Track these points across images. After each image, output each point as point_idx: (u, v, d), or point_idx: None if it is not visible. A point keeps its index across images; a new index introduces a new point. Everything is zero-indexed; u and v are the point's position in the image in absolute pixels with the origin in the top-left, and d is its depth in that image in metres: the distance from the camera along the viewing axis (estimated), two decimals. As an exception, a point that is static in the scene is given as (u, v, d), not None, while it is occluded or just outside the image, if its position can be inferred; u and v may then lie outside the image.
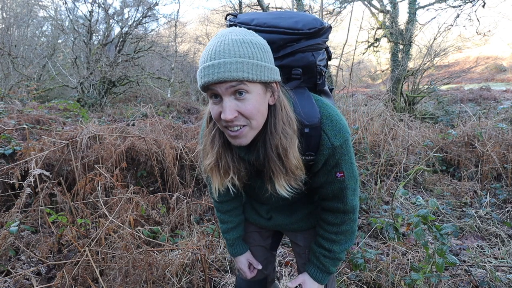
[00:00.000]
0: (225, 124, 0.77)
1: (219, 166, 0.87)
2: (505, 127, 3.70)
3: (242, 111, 0.75)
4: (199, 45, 18.30)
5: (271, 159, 0.82)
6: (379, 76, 17.99)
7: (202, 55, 0.76)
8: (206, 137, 0.89)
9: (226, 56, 0.71)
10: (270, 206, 1.09)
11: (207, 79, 0.72)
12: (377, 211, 2.82)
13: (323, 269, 1.02)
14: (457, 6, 9.14)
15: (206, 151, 0.89)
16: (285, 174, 0.83)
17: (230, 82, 0.72)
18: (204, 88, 0.76)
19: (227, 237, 1.15)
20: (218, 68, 0.71)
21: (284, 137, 0.80)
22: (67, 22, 11.15)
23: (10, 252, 1.93)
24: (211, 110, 0.79)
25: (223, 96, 0.74)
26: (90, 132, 2.85)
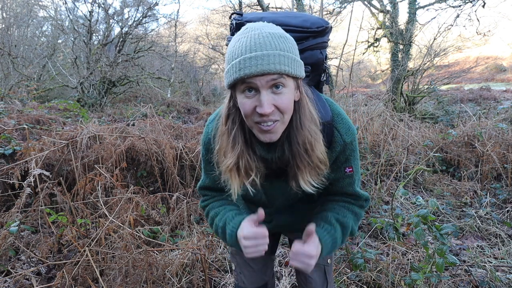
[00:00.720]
0: (259, 119, 0.74)
1: (239, 167, 0.83)
2: (505, 127, 3.70)
3: (279, 105, 0.73)
4: (199, 45, 18.31)
5: (298, 155, 0.81)
6: (379, 76, 18.00)
7: (234, 48, 0.73)
8: (224, 137, 0.84)
9: (268, 48, 0.70)
10: (273, 209, 1.07)
11: (248, 71, 0.70)
12: (377, 211, 2.82)
13: (329, 230, 0.91)
14: (457, 6, 9.14)
15: (224, 152, 0.85)
16: (311, 169, 0.82)
17: (272, 75, 0.70)
18: (237, 82, 0.73)
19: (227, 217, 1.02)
20: (261, 59, 0.69)
21: (309, 132, 0.80)
22: (67, 22, 11.17)
23: (10, 252, 1.93)
24: (242, 105, 0.75)
25: (261, 90, 0.72)
26: (90, 132, 2.85)
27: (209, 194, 1.06)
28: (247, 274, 1.20)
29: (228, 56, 0.75)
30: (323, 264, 1.13)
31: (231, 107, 0.82)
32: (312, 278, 1.12)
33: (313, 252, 0.82)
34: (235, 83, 0.74)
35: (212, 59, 17.11)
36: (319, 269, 1.12)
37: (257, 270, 1.19)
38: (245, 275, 1.20)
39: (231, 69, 0.73)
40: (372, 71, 20.04)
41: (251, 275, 1.19)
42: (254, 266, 1.18)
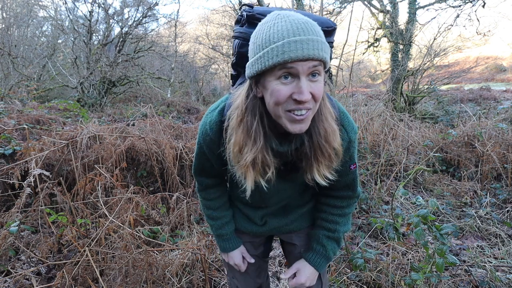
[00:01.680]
0: (294, 106, 0.72)
1: (256, 163, 0.80)
2: (505, 127, 3.70)
3: (315, 93, 0.72)
4: (199, 45, 18.29)
5: (319, 146, 0.80)
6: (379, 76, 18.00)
7: (274, 32, 0.70)
8: (241, 131, 0.80)
9: (311, 33, 0.68)
10: (266, 210, 1.07)
11: (294, 54, 0.67)
12: (377, 211, 2.82)
13: (321, 253, 1.03)
14: (457, 6, 9.14)
15: (240, 147, 0.80)
16: (329, 160, 0.83)
17: (315, 61, 0.69)
18: (274, 68, 0.70)
19: (222, 233, 1.10)
20: (307, 44, 0.67)
21: (329, 124, 0.80)
22: (67, 22, 11.17)
23: (10, 252, 1.93)
24: (276, 91, 0.72)
25: (301, 76, 0.70)
26: (90, 132, 2.85)
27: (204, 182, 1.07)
28: (240, 279, 1.19)
29: (262, 41, 0.71)
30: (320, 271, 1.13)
31: (252, 97, 0.78)
32: None
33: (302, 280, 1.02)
34: (270, 69, 0.71)
35: (212, 59, 17.10)
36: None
37: (250, 273, 1.18)
38: (238, 279, 1.19)
39: (269, 53, 0.69)
40: (372, 71, 20.04)
41: (244, 279, 1.18)
42: (247, 270, 1.17)
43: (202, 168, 1.03)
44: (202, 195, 1.09)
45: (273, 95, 0.73)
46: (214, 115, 0.90)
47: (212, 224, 1.11)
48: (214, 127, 0.89)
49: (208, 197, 1.09)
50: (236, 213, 1.14)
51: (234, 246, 1.12)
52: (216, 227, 1.10)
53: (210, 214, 1.10)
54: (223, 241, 1.11)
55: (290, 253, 1.17)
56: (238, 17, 0.95)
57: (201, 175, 1.06)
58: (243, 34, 0.91)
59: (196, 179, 1.08)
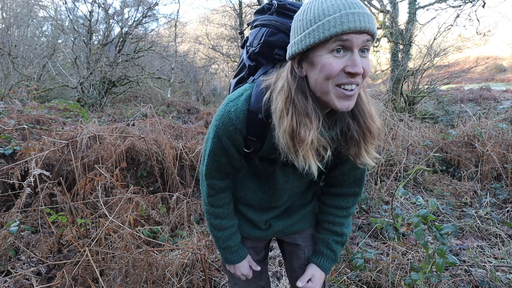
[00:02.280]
0: (345, 80, 0.72)
1: (313, 143, 0.77)
2: (505, 127, 3.70)
3: (365, 68, 0.72)
4: (199, 45, 18.29)
5: (366, 126, 0.80)
6: (379, 76, 17.98)
7: (328, 6, 0.70)
8: (290, 113, 0.76)
9: (363, 8, 0.70)
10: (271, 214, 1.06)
11: (353, 25, 0.67)
12: (377, 211, 2.82)
13: (332, 257, 1.04)
14: (457, 6, 9.13)
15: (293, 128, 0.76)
16: (375, 140, 0.83)
17: (368, 34, 0.70)
18: (328, 41, 0.70)
19: (230, 244, 1.04)
20: (363, 16, 0.68)
21: (370, 105, 0.81)
22: (67, 22, 11.17)
23: (10, 252, 1.93)
24: (328, 65, 0.71)
25: (355, 49, 0.70)
26: (90, 132, 2.85)
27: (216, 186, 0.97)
28: (241, 284, 1.16)
29: (315, 15, 0.71)
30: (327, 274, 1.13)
31: (299, 78, 0.77)
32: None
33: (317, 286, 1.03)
34: (323, 42, 0.70)
35: (212, 59, 17.10)
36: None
37: (252, 278, 1.14)
38: (240, 285, 1.17)
39: (324, 25, 0.69)
40: (372, 71, 19.99)
41: (246, 284, 1.16)
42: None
43: (217, 167, 0.93)
44: (212, 201, 0.99)
45: (324, 69, 0.72)
46: (240, 103, 0.83)
47: (219, 236, 1.03)
48: (241, 116, 0.83)
49: (217, 204, 1.00)
50: (238, 218, 1.09)
51: (242, 257, 1.07)
52: (223, 238, 1.03)
53: (217, 224, 1.02)
54: (231, 253, 1.05)
55: (292, 253, 1.15)
56: (265, 6, 0.93)
57: (214, 177, 0.96)
58: (273, 22, 0.89)
59: (207, 183, 0.97)
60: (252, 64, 0.94)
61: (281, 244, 1.22)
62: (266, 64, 0.92)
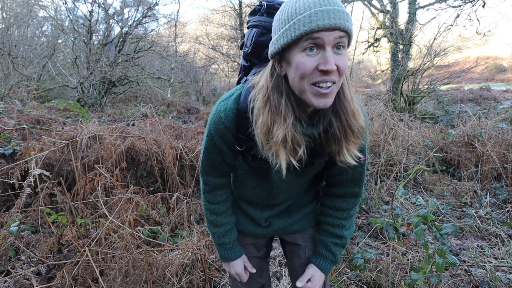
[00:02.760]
0: (319, 78, 0.72)
1: (286, 141, 0.79)
2: (505, 127, 3.70)
3: (339, 65, 0.72)
4: (199, 45, 18.28)
5: (348, 124, 0.80)
6: (379, 76, 17.99)
7: (300, 5, 0.71)
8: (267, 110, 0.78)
9: (336, 5, 0.70)
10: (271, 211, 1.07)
11: (321, 22, 0.68)
12: (377, 211, 2.82)
13: (331, 259, 1.04)
14: (457, 6, 9.13)
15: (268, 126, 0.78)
16: (358, 138, 0.83)
17: (340, 31, 0.70)
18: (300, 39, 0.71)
19: (225, 241, 1.07)
20: (333, 13, 0.68)
21: (354, 103, 0.80)
22: (67, 22, 11.17)
23: (10, 252, 1.93)
24: (301, 63, 0.72)
25: (327, 47, 0.70)
26: (90, 132, 2.85)
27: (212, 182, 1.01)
28: None
29: (288, 15, 0.72)
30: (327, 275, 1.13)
31: (276, 76, 0.79)
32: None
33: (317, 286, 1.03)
34: (296, 41, 0.71)
35: (212, 59, 17.10)
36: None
37: (252, 275, 1.16)
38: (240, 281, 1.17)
39: (295, 24, 0.70)
40: (372, 71, 20.03)
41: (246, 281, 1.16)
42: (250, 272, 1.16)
43: (211, 164, 0.98)
44: (208, 197, 1.03)
45: (298, 68, 0.73)
46: (230, 103, 0.87)
47: (214, 231, 1.07)
48: (230, 115, 0.86)
49: (214, 200, 1.04)
50: (239, 215, 1.11)
51: (236, 255, 1.09)
52: (219, 234, 1.07)
53: (213, 220, 1.06)
54: (225, 250, 1.08)
55: (293, 253, 1.16)
56: (256, 7, 0.94)
57: (209, 174, 1.00)
58: (262, 23, 0.91)
59: (203, 179, 1.02)
60: (247, 64, 0.97)
61: (283, 243, 1.23)
62: (259, 64, 0.94)
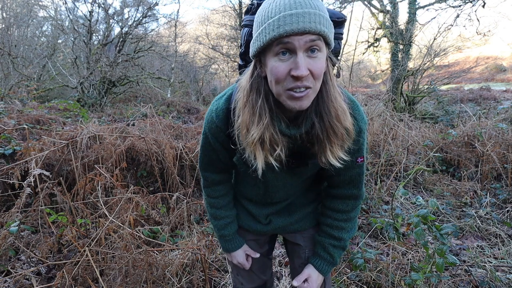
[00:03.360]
0: (292, 84, 0.71)
1: (264, 141, 0.79)
2: (505, 127, 3.70)
3: (313, 69, 0.70)
4: (199, 45, 18.29)
5: (330, 126, 0.78)
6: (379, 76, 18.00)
7: (269, 9, 0.70)
8: (247, 110, 0.79)
9: (308, 7, 0.67)
10: (271, 209, 1.07)
11: (289, 27, 0.66)
12: (377, 211, 2.82)
13: (329, 261, 1.03)
14: (457, 6, 9.13)
15: (246, 125, 0.80)
16: (342, 140, 0.81)
17: (312, 34, 0.68)
18: (272, 44, 0.70)
19: (225, 233, 1.09)
20: (303, 17, 0.66)
21: (339, 102, 0.78)
22: (67, 22, 11.17)
23: (10, 252, 1.93)
24: (274, 68, 0.72)
25: (298, 51, 0.69)
26: (90, 132, 2.85)
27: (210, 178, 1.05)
28: (245, 275, 1.19)
29: (262, 18, 0.71)
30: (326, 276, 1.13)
31: (256, 77, 0.78)
32: None
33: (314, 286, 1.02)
34: (268, 45, 0.71)
35: (212, 59, 17.10)
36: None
37: (255, 271, 1.18)
38: (242, 276, 1.19)
39: (266, 29, 0.69)
40: (372, 71, 20.03)
41: (249, 275, 1.19)
42: (251, 267, 1.17)
43: (208, 161, 1.01)
44: (208, 192, 1.07)
45: (272, 73, 0.73)
46: (221, 102, 0.89)
47: (215, 224, 1.10)
48: (221, 114, 0.89)
49: (213, 195, 1.07)
50: (241, 211, 1.13)
51: (237, 246, 1.11)
52: (219, 227, 1.09)
53: (213, 213, 1.09)
54: (226, 241, 1.11)
55: (293, 252, 1.17)
56: (248, 6, 0.94)
57: (207, 169, 1.04)
58: (252, 23, 0.90)
59: (202, 174, 1.06)
60: (242, 63, 0.98)
61: (285, 242, 1.24)
62: None
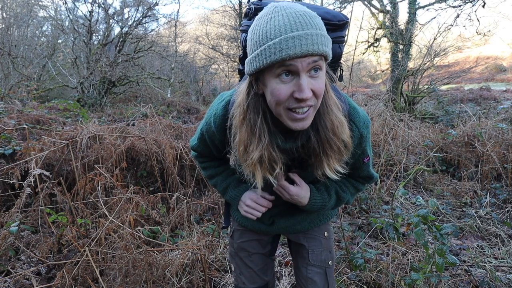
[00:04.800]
0: (295, 105, 0.70)
1: (263, 160, 0.78)
2: (505, 127, 3.70)
3: (316, 89, 0.69)
4: (199, 45, 18.29)
5: (326, 140, 0.77)
6: (379, 76, 17.98)
7: (270, 27, 0.67)
8: (245, 129, 0.78)
9: (309, 27, 0.65)
10: (274, 210, 1.06)
11: (292, 51, 0.64)
12: (377, 211, 2.82)
13: (324, 196, 0.98)
14: (457, 6, 9.13)
15: (245, 145, 0.78)
16: (338, 154, 0.80)
17: (315, 56, 0.66)
18: (273, 66, 0.68)
19: (228, 183, 1.05)
20: (305, 39, 0.64)
21: (336, 116, 0.77)
22: (67, 22, 11.17)
23: (10, 252, 1.93)
24: (276, 90, 0.70)
25: (301, 73, 0.67)
26: (90, 132, 2.85)
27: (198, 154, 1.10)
28: (247, 275, 1.19)
29: (259, 37, 0.69)
30: (324, 267, 1.12)
31: (253, 95, 0.76)
32: (313, 280, 1.10)
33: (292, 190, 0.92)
34: (269, 67, 0.69)
35: (212, 59, 17.10)
36: (320, 272, 1.11)
37: (257, 271, 1.17)
38: (245, 275, 1.19)
39: (266, 51, 0.67)
40: (372, 71, 20.02)
41: (251, 275, 1.18)
42: (254, 267, 1.17)
43: (200, 148, 1.06)
44: (198, 159, 1.12)
45: (273, 95, 0.71)
46: (220, 109, 0.90)
47: (215, 182, 1.09)
48: (218, 122, 0.90)
49: (203, 161, 1.11)
50: None
51: (244, 189, 1.04)
52: (220, 181, 1.07)
53: (211, 173, 1.10)
54: (231, 189, 1.05)
55: (296, 252, 1.17)
56: (246, 10, 0.92)
57: (196, 151, 1.09)
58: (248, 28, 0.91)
59: (191, 148, 1.10)
60: (242, 68, 0.98)
61: (289, 242, 1.24)
62: None
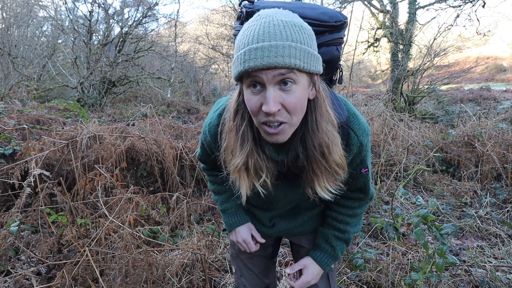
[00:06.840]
0: (265, 119, 0.68)
1: (248, 167, 0.77)
2: (505, 127, 3.70)
3: (286, 103, 0.66)
4: (199, 45, 18.30)
5: (314, 159, 0.75)
6: (379, 76, 17.98)
7: (243, 36, 0.66)
8: (232, 134, 0.78)
9: (278, 38, 0.62)
10: (274, 212, 1.06)
11: (253, 63, 0.62)
12: (377, 211, 2.82)
13: (330, 253, 1.01)
14: (457, 6, 9.13)
15: (231, 150, 0.78)
16: (329, 174, 0.77)
17: (280, 68, 0.63)
18: (243, 75, 0.67)
19: (229, 206, 1.06)
20: (268, 51, 0.62)
21: (326, 134, 0.73)
22: (67, 22, 11.17)
23: (10, 252, 1.93)
24: (248, 101, 0.69)
25: (267, 85, 0.65)
26: (90, 132, 2.85)
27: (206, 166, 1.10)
28: (248, 277, 1.18)
29: (236, 46, 0.68)
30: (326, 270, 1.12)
31: (240, 101, 0.75)
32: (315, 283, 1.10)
33: (309, 278, 0.99)
34: (240, 76, 0.68)
35: (212, 59, 17.12)
36: (322, 275, 1.10)
37: (258, 273, 1.17)
38: (246, 277, 1.18)
39: (236, 61, 0.67)
40: (372, 71, 20.03)
41: (252, 278, 1.17)
42: (255, 270, 1.16)
43: (204, 157, 1.06)
44: (206, 172, 1.12)
45: (247, 105, 0.70)
46: (214, 118, 0.89)
47: (217, 199, 1.10)
48: (212, 130, 0.90)
49: (211, 174, 1.10)
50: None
51: (241, 221, 1.06)
52: (221, 200, 1.08)
53: (215, 188, 1.10)
54: (229, 216, 1.07)
55: (298, 254, 1.16)
56: (238, 13, 0.90)
57: (202, 161, 1.09)
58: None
59: (198, 159, 1.10)
60: None
61: (291, 244, 1.24)
62: None
